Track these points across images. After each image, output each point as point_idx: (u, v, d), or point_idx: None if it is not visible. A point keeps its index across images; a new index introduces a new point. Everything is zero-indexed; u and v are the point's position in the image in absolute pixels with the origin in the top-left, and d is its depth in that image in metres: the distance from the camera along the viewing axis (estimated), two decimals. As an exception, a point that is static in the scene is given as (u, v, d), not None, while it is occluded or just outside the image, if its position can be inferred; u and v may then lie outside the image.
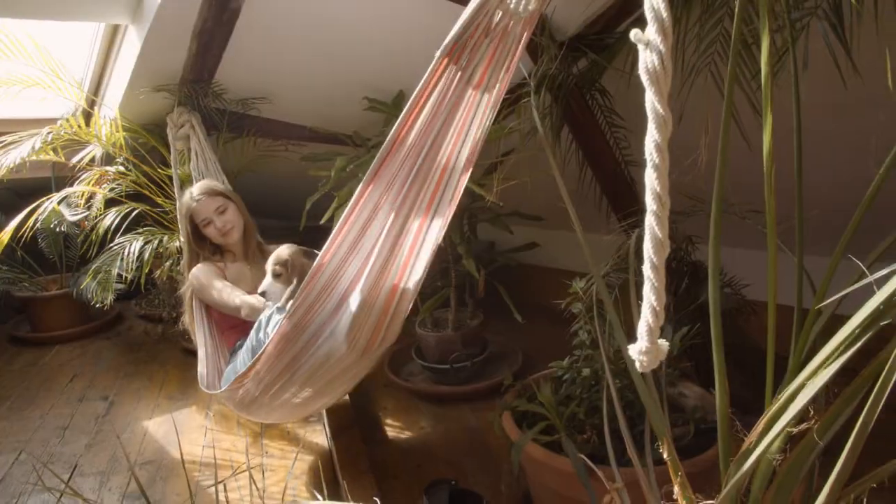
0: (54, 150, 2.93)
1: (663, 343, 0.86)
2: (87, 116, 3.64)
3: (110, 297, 3.04)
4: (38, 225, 3.08)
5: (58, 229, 3.30)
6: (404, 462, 2.43)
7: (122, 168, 3.38)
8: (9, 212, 4.00)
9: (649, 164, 0.79)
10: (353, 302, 1.48)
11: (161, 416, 2.92)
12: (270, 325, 1.95)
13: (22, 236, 3.10)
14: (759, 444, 0.94)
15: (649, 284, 0.82)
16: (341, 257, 1.50)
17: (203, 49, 2.60)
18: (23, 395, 3.21)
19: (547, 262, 3.81)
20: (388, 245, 1.42)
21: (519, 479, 2.19)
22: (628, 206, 2.38)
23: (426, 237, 1.42)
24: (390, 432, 2.70)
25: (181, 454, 2.57)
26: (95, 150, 3.28)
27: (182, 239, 2.49)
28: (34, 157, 2.80)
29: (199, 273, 2.36)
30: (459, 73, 1.26)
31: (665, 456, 1.13)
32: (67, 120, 3.07)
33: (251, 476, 2.34)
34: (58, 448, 2.66)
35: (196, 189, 2.38)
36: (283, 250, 2.06)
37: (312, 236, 2.66)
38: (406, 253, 1.44)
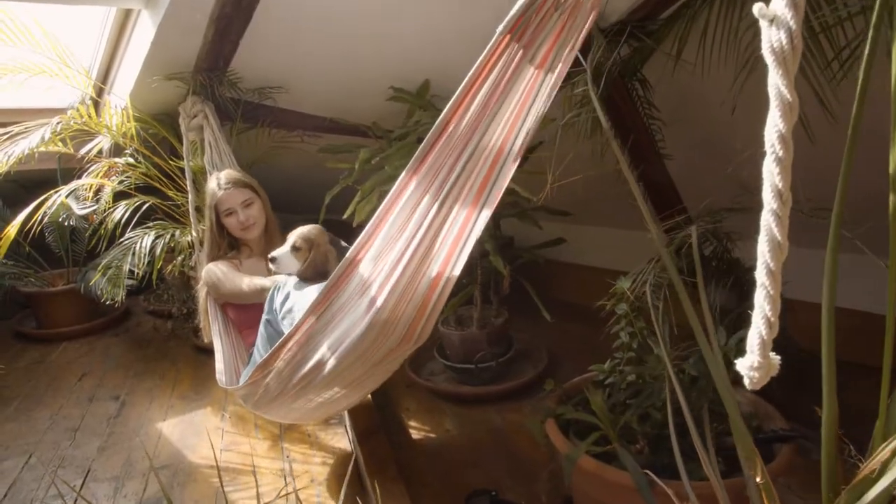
0: (62, 140, 2.80)
1: (775, 358, 0.77)
2: (95, 106, 3.53)
3: (121, 294, 2.93)
4: (46, 219, 2.95)
5: (67, 223, 3.18)
6: (432, 467, 2.33)
7: (131, 160, 3.27)
8: (13, 205, 3.89)
9: (770, 157, 0.70)
10: (390, 297, 1.38)
11: (175, 417, 2.81)
12: (288, 307, 1.84)
13: (29, 230, 2.98)
14: (885, 473, 0.84)
15: (763, 293, 0.73)
16: (378, 251, 1.39)
17: (220, 35, 2.48)
18: (30, 394, 3.10)
19: (571, 258, 3.70)
20: (430, 238, 1.32)
21: (557, 488, 2.09)
22: (671, 204, 2.26)
23: (472, 230, 1.32)
24: (415, 435, 2.60)
25: (200, 458, 2.47)
26: (104, 141, 3.16)
27: (206, 227, 2.39)
28: (43, 149, 2.67)
29: (215, 266, 2.27)
30: (521, 52, 1.16)
31: (758, 480, 1.03)
32: (77, 109, 2.94)
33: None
34: (69, 451, 2.56)
35: (224, 177, 2.28)
36: (311, 229, 1.97)
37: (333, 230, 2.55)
38: (449, 246, 1.33)
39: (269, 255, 1.91)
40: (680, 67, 1.99)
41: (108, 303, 3.00)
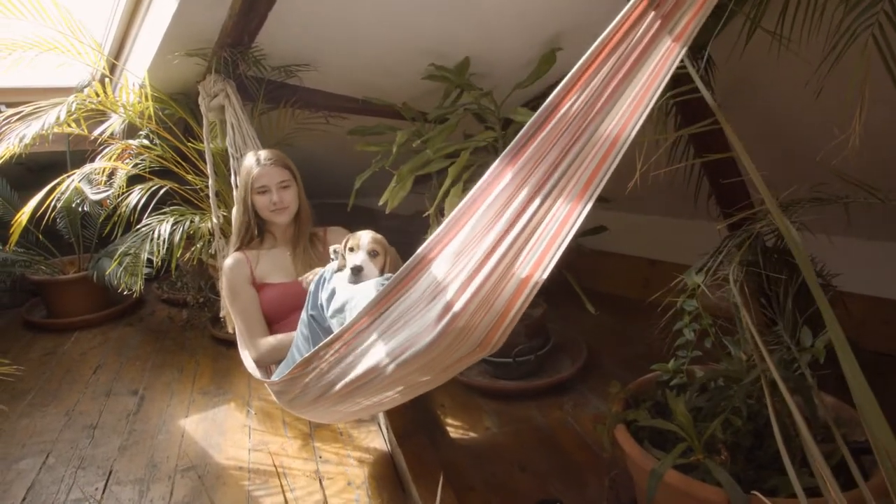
0: (76, 121, 2.63)
1: None
2: (104, 85, 3.35)
3: (139, 284, 2.77)
4: (60, 204, 2.79)
5: (81, 209, 3.02)
6: (476, 469, 2.19)
7: (146, 141, 3.10)
8: (20, 188, 3.73)
9: None
10: (470, 302, 1.21)
11: (198, 413, 2.67)
12: (337, 304, 1.70)
13: (42, 216, 2.82)
14: None
15: None
16: (458, 248, 1.23)
17: (247, 8, 2.30)
18: (44, 388, 2.96)
19: (606, 246, 3.55)
20: (525, 236, 1.15)
21: (619, 496, 1.96)
22: (737, 199, 2.10)
23: (572, 228, 1.15)
24: (453, 433, 2.46)
25: (227, 459, 2.33)
26: (116, 122, 2.98)
27: (235, 205, 2.25)
28: (57, 130, 2.50)
29: (230, 272, 2.14)
30: (660, 21, 0.99)
31: None
32: (94, 87, 2.78)
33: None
34: (88, 451, 2.42)
35: (265, 153, 2.15)
36: (375, 233, 1.84)
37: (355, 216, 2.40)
38: (545, 246, 1.17)
39: (354, 266, 1.74)
40: (750, 49, 1.83)
41: (125, 293, 2.84)
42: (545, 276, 1.21)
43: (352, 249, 1.81)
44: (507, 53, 2.46)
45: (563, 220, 1.15)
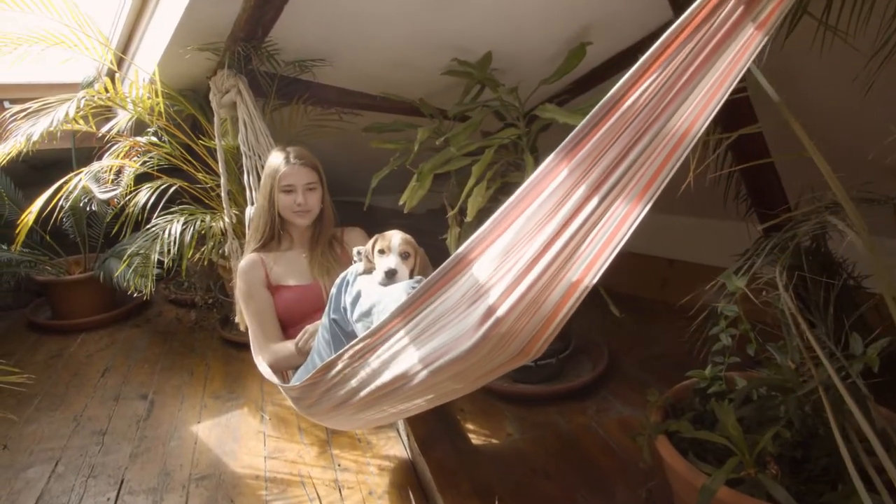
0: (84, 118, 2.55)
1: None
2: (113, 79, 3.27)
3: (149, 286, 2.70)
4: (68, 203, 2.71)
5: (88, 208, 2.94)
6: (501, 479, 2.11)
7: (154, 138, 3.02)
8: (24, 186, 3.65)
9: None
10: (515, 306, 1.13)
11: (210, 419, 2.60)
12: (364, 307, 1.62)
13: (47, 215, 2.74)
14: None
15: None
16: (504, 249, 1.14)
17: (262, 1, 2.22)
18: (51, 391, 2.88)
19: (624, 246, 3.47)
20: (579, 238, 1.07)
21: (654, 506, 1.89)
22: (774, 199, 2.02)
23: (629, 230, 1.07)
24: (474, 439, 2.38)
25: (242, 467, 2.26)
26: (124, 118, 2.90)
27: (256, 204, 2.18)
28: (66, 127, 2.42)
29: (245, 274, 2.08)
30: (744, 7, 0.91)
31: None
32: (104, 83, 2.70)
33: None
34: (98, 458, 2.35)
35: (294, 152, 2.07)
36: (403, 234, 1.77)
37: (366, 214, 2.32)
38: (599, 248, 1.09)
39: (388, 269, 1.67)
40: (792, 40, 1.75)
41: (135, 295, 2.77)
42: (595, 280, 1.14)
43: (382, 251, 1.73)
44: (531, 48, 2.38)
45: (621, 221, 1.07)
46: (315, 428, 2.49)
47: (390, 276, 1.66)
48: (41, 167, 3.57)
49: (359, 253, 1.83)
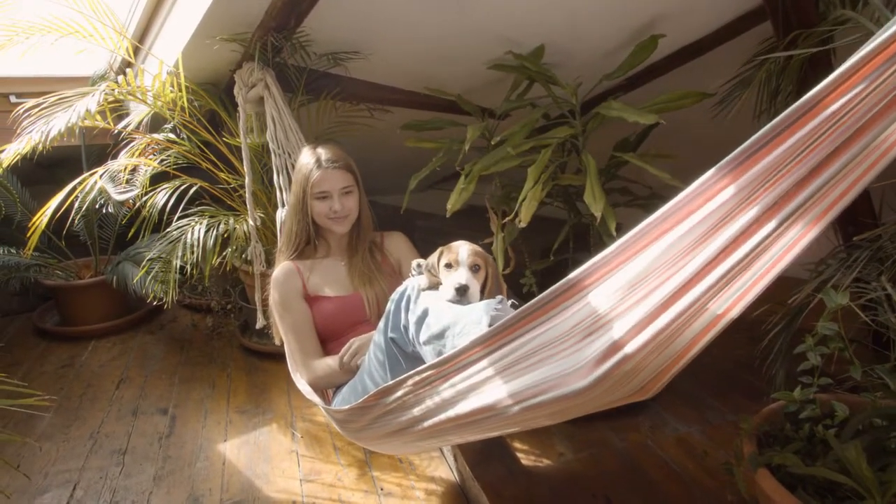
0: (101, 113, 2.37)
1: None
2: (125, 73, 3.09)
3: (171, 294, 2.52)
4: (84, 206, 2.53)
5: (105, 210, 2.76)
6: (556, 503, 1.96)
7: (172, 135, 2.84)
8: (30, 184, 3.46)
9: None
10: (649, 342, 0.96)
11: (237, 436, 2.43)
12: (435, 329, 1.45)
13: (57, 216, 2.56)
14: None
15: None
16: (638, 275, 0.97)
17: (299, -14, 2.05)
18: (63, 405, 2.71)
19: None
20: (744, 265, 0.90)
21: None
22: (861, 216, 1.86)
23: (797, 251, 0.91)
24: (524, 460, 2.23)
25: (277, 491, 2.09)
26: (142, 113, 2.72)
27: (288, 210, 2.01)
28: (86, 123, 2.24)
29: (280, 284, 1.92)
30: None
31: None
32: (112, 76, 2.52)
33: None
34: (120, 481, 2.18)
35: (326, 153, 1.90)
36: (471, 245, 1.60)
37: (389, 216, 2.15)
38: (760, 274, 0.93)
39: (459, 285, 1.50)
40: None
41: (155, 303, 2.59)
42: (740, 310, 0.97)
43: (449, 265, 1.56)
44: (589, 41, 2.21)
45: (791, 246, 0.90)
46: (351, 446, 2.33)
47: (462, 292, 1.49)
48: (48, 165, 3.38)
49: (419, 266, 1.66)
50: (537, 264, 2.57)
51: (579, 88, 2.11)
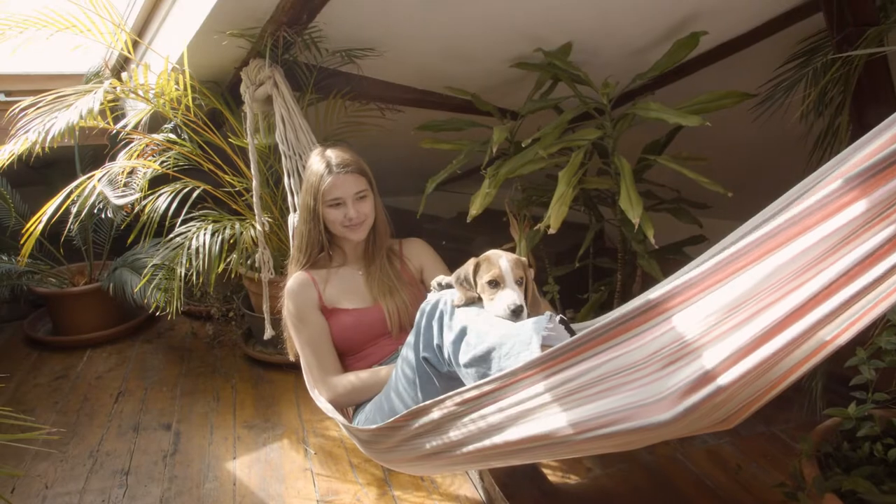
0: (101, 112, 2.23)
1: None
2: (120, 71, 2.94)
3: (175, 304, 2.39)
4: (84, 210, 2.38)
5: (103, 214, 2.61)
6: (594, 527, 1.87)
7: (172, 135, 2.71)
8: (20, 186, 3.31)
9: None
10: (748, 373, 0.86)
11: (247, 454, 2.30)
12: (479, 350, 1.34)
13: (55, 221, 2.42)
14: None
15: None
16: (732, 300, 0.87)
17: (316, -21, 1.93)
18: (60, 421, 2.56)
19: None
20: (867, 291, 0.80)
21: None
22: None
23: None
24: (552, 477, 2.13)
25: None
26: (140, 112, 2.58)
27: (298, 217, 1.90)
28: (91, 123, 2.11)
29: (295, 296, 1.80)
30: None
31: None
32: (106, 73, 2.39)
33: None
34: (124, 504, 2.05)
35: (336, 157, 1.78)
36: (509, 255, 1.48)
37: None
38: (878, 297, 0.83)
39: (514, 306, 1.39)
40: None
41: (158, 314, 2.46)
42: (851, 338, 0.87)
43: (491, 283, 1.44)
44: (619, 38, 2.11)
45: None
46: (369, 463, 2.21)
47: (518, 314, 1.38)
48: (39, 166, 3.23)
49: (439, 285, 1.56)
50: (558, 270, 2.48)
51: (624, 89, 2.00)
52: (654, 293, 0.95)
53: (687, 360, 0.93)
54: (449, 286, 1.52)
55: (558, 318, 1.38)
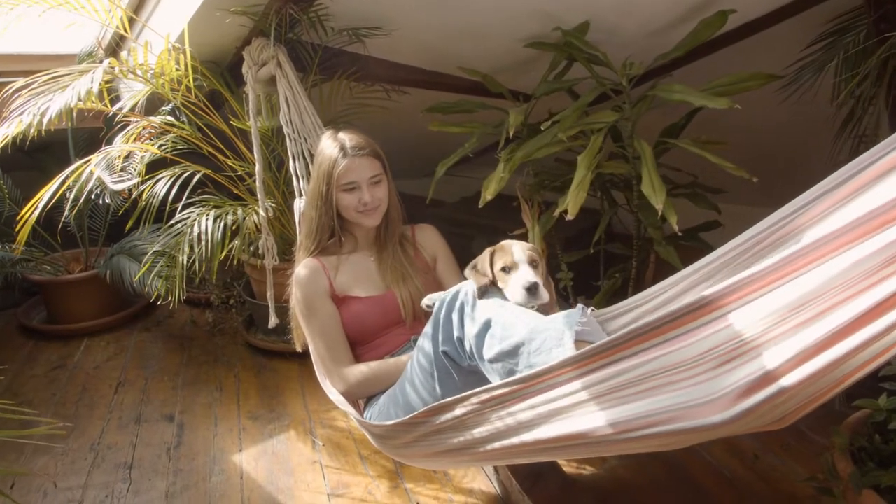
0: (98, 94, 2.14)
1: None
2: (114, 50, 2.84)
3: (177, 293, 2.32)
4: (82, 197, 2.30)
5: (101, 201, 2.52)
6: (613, 520, 1.83)
7: (170, 118, 2.62)
8: (12, 170, 3.21)
9: None
10: (814, 375, 0.80)
11: (253, 445, 2.25)
12: (505, 346, 1.28)
13: (50, 207, 2.34)
14: None
15: None
16: (799, 298, 0.81)
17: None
18: (59, 413, 2.49)
19: (717, 242, 3.17)
20: None
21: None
22: None
23: None
24: (567, 468, 2.08)
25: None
26: (138, 93, 2.48)
27: (307, 202, 1.82)
28: (89, 105, 2.02)
29: (305, 284, 1.73)
30: None
31: None
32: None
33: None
34: (128, 500, 1.99)
35: (351, 140, 1.71)
36: (519, 242, 1.48)
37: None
38: None
39: (529, 283, 1.35)
40: None
41: (160, 303, 2.38)
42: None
43: (506, 269, 1.40)
44: (640, 16, 2.03)
45: None
46: (379, 455, 2.16)
47: (533, 290, 1.35)
48: (31, 150, 3.12)
49: (429, 306, 1.52)
50: (570, 256, 2.41)
51: (647, 69, 1.93)
52: (709, 290, 0.89)
53: (745, 358, 0.87)
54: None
55: (589, 309, 1.32)
